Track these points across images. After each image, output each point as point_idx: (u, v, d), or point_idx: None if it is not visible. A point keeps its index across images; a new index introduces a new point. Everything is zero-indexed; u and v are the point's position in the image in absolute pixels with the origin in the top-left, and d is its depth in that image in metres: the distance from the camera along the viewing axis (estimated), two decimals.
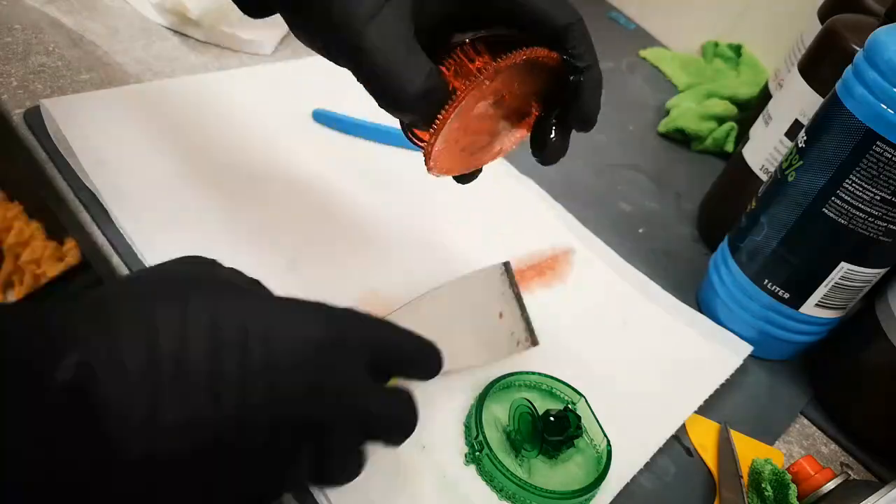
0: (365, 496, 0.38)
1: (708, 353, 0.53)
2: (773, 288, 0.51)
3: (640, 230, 0.64)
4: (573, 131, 0.38)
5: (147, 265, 0.44)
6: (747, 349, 0.53)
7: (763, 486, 0.45)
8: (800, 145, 0.48)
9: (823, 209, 0.47)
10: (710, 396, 0.50)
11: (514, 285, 0.45)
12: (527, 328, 0.45)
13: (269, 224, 0.49)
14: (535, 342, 0.46)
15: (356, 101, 0.61)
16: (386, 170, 0.58)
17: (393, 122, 0.61)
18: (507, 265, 0.46)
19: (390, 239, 0.52)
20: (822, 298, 0.50)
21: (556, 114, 0.38)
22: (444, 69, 0.36)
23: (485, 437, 0.40)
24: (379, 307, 0.45)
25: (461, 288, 0.45)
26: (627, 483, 0.43)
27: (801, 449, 0.51)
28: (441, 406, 0.43)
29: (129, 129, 0.51)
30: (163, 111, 0.53)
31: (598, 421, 0.43)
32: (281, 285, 0.46)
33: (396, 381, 0.36)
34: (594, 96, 0.37)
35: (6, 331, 0.26)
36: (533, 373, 0.45)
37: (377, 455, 0.40)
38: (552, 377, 0.45)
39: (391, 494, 0.38)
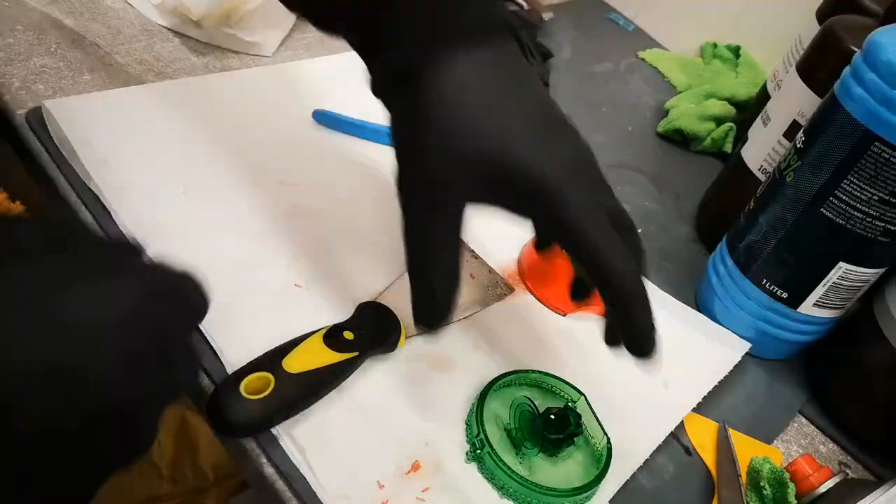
0: (367, 495, 0.38)
1: (706, 351, 0.53)
2: (771, 288, 0.51)
3: (639, 230, 0.64)
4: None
5: None
6: (745, 346, 0.53)
7: (762, 484, 0.45)
8: (798, 146, 0.49)
9: (821, 209, 0.47)
10: (709, 395, 0.50)
11: (473, 254, 0.53)
12: (500, 281, 0.52)
13: (269, 224, 0.49)
14: (511, 288, 0.52)
15: (357, 101, 0.61)
16: (387, 170, 0.58)
17: None
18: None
19: (391, 239, 0.52)
20: (820, 298, 0.50)
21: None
22: None
23: (486, 435, 0.40)
24: None
25: None
26: (626, 481, 0.43)
27: (800, 448, 0.51)
28: (443, 405, 0.43)
29: (130, 130, 0.51)
30: (164, 112, 0.54)
31: (597, 419, 0.43)
32: (281, 283, 0.46)
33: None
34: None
35: None
36: (533, 371, 0.45)
37: (377, 455, 0.40)
38: (552, 375, 0.46)
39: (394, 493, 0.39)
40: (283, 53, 0.66)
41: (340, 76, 0.64)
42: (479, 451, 0.41)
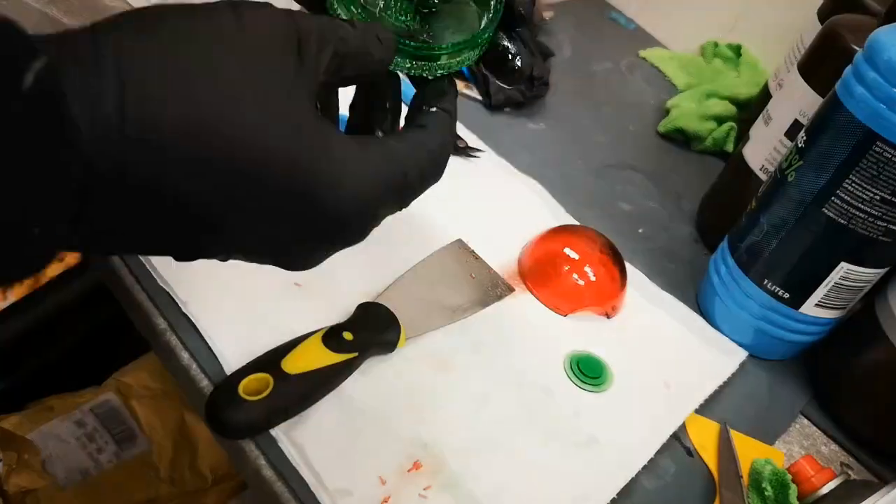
0: (369, 490, 0.38)
1: (706, 355, 0.53)
2: (772, 288, 0.51)
3: (640, 230, 0.64)
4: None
5: (145, 265, 0.44)
6: (742, 355, 0.54)
7: (763, 486, 0.45)
8: (799, 145, 0.48)
9: (823, 209, 0.47)
10: (711, 396, 0.50)
11: (473, 254, 0.53)
12: (500, 280, 0.52)
13: None
14: (511, 288, 0.52)
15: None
16: None
17: None
18: (460, 241, 0.54)
19: (391, 239, 0.52)
20: (822, 298, 0.50)
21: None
22: None
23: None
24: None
25: (433, 263, 0.51)
26: (627, 483, 0.43)
27: (802, 449, 0.51)
28: (443, 405, 0.43)
29: None
30: None
31: None
32: (281, 283, 0.46)
33: None
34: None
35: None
36: None
37: (378, 454, 0.40)
38: None
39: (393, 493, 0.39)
40: None
41: None
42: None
